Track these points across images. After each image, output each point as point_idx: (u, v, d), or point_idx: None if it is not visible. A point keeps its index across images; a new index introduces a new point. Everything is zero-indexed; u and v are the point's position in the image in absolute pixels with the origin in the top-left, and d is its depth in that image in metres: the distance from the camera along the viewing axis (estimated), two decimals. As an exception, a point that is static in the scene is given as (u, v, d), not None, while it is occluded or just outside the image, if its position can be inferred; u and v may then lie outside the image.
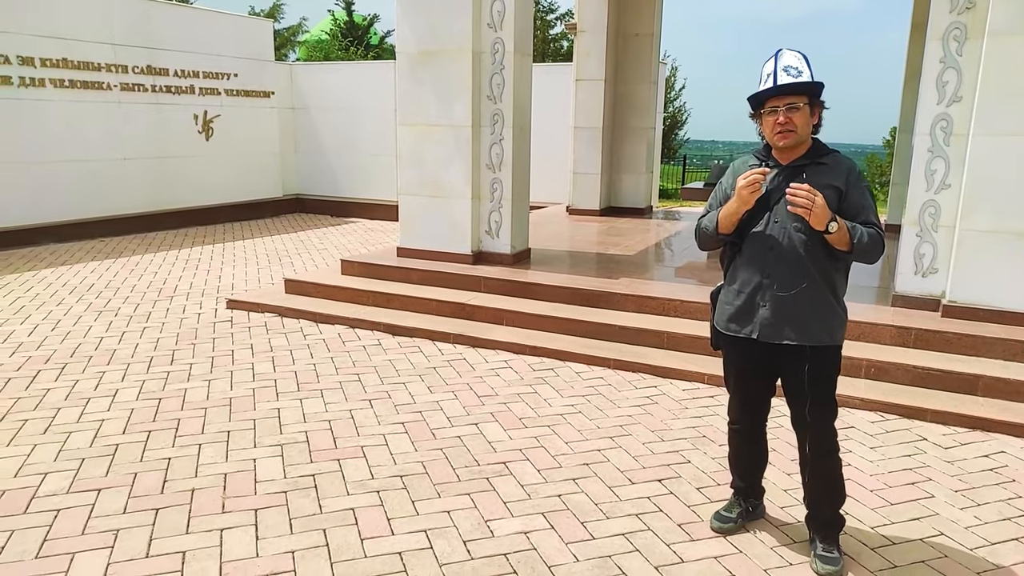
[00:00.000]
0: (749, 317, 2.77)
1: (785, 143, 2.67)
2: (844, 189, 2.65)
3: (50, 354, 5.24)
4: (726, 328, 2.86)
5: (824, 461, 2.81)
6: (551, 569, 2.82)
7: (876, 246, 2.61)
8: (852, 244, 2.58)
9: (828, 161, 2.69)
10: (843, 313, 2.77)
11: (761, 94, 2.66)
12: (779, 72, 2.61)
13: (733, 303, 2.82)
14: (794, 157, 2.71)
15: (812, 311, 2.69)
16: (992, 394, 4.45)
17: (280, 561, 2.84)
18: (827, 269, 2.68)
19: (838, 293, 2.75)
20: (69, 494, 3.31)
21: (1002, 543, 3.06)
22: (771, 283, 2.70)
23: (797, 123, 2.62)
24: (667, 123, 22.28)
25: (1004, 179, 4.83)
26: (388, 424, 4.15)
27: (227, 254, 9.23)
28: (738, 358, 2.90)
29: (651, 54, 10.15)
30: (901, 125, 9.34)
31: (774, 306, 2.71)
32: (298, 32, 24.00)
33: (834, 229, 2.54)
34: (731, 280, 2.85)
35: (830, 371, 2.76)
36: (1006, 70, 4.74)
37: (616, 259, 7.21)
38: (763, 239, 2.71)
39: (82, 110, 9.85)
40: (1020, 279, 4.90)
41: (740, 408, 3.00)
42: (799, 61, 2.62)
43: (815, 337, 2.69)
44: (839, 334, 2.75)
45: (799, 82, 2.59)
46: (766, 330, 2.74)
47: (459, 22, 6.45)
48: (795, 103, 2.61)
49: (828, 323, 2.71)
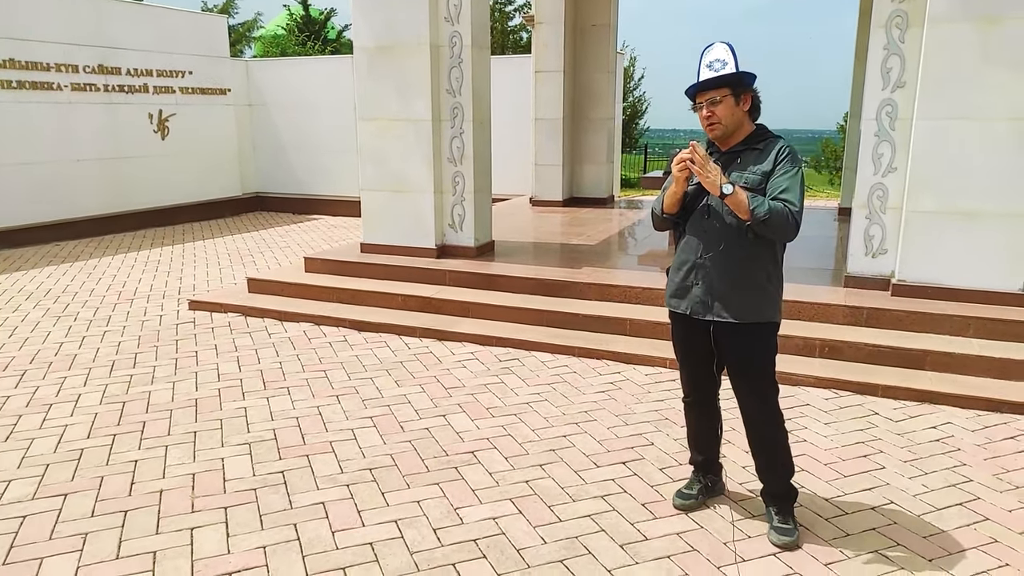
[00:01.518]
0: (685, 294, 2.92)
1: (713, 134, 2.83)
2: (771, 171, 2.77)
3: (8, 361, 5.15)
4: (669, 304, 3.02)
5: (765, 433, 2.95)
6: (520, 552, 2.90)
7: (779, 219, 2.65)
8: (749, 212, 2.65)
9: (762, 146, 2.82)
10: (774, 292, 2.87)
11: (689, 90, 2.83)
12: (702, 68, 2.78)
13: (674, 280, 2.99)
14: (731, 144, 2.86)
15: (740, 289, 2.81)
16: (939, 368, 4.64)
17: (252, 557, 2.87)
18: (756, 250, 2.80)
19: (767, 269, 2.83)
20: (34, 500, 3.29)
21: (947, 508, 3.22)
22: (703, 263, 2.85)
23: (720, 115, 2.77)
24: (627, 113, 22.46)
25: (946, 162, 5.02)
26: (356, 419, 4.19)
27: (187, 255, 9.12)
28: (681, 333, 3.04)
29: (609, 44, 10.26)
30: (852, 111, 9.59)
31: (706, 284, 2.85)
32: (253, 28, 23.60)
33: (728, 191, 2.65)
34: (674, 259, 3.00)
35: (762, 348, 2.87)
36: (945, 56, 4.92)
37: (579, 249, 7.30)
38: (699, 221, 2.86)
39: (32, 111, 9.60)
40: (964, 257, 5.10)
41: (688, 381, 3.13)
42: (726, 53, 2.75)
43: (742, 314, 2.82)
44: (769, 312, 2.85)
45: (719, 76, 2.73)
46: (697, 307, 2.88)
47: (416, 16, 6.46)
48: (714, 97, 2.76)
49: (755, 301, 2.82)
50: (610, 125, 10.60)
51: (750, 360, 2.88)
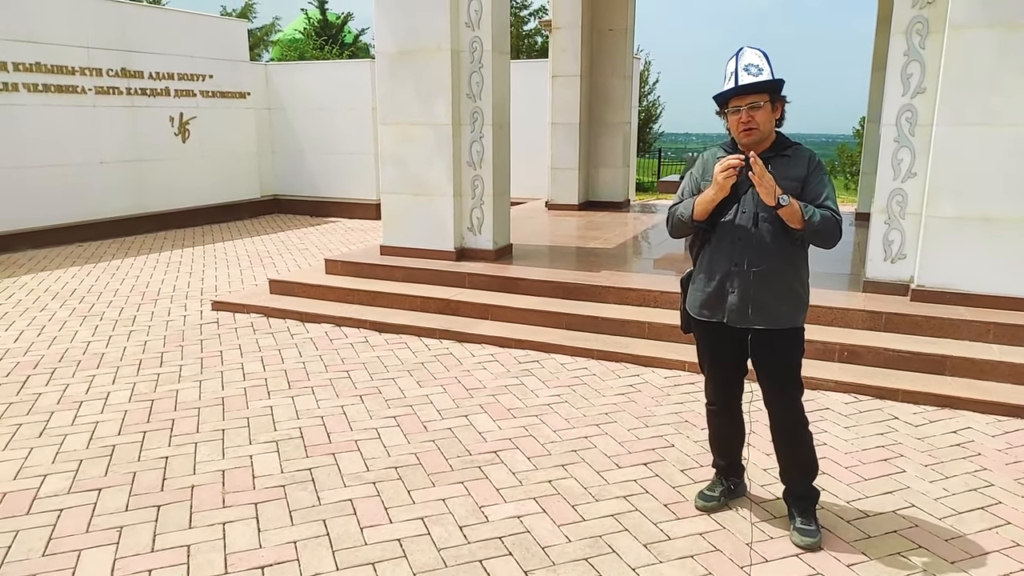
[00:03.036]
0: (719, 303, 2.93)
1: (749, 140, 2.81)
2: (805, 177, 2.81)
3: (38, 359, 5.26)
4: (699, 314, 3.01)
5: (793, 436, 2.98)
6: (545, 550, 2.95)
7: (829, 227, 2.75)
8: (803, 221, 2.71)
9: (790, 153, 2.85)
10: (805, 297, 2.94)
11: (724, 94, 2.80)
12: (740, 72, 2.74)
13: (704, 290, 2.97)
14: (759, 151, 2.84)
15: (777, 297, 2.84)
16: (959, 373, 4.65)
17: (283, 551, 2.94)
18: (792, 256, 2.84)
19: (802, 278, 2.91)
20: (70, 494, 3.37)
21: (968, 512, 3.24)
22: (739, 270, 2.85)
23: (759, 120, 2.77)
24: (642, 117, 22.45)
25: (966, 168, 5.04)
26: (380, 418, 4.25)
27: (208, 256, 9.24)
28: (710, 342, 3.06)
29: (625, 49, 10.31)
30: (869, 115, 9.58)
31: (742, 292, 2.86)
32: (271, 32, 23.81)
33: (785, 202, 2.68)
34: (702, 267, 2.99)
35: (797, 352, 2.93)
36: (966, 62, 4.94)
37: (596, 252, 7.34)
38: (732, 228, 2.86)
39: (57, 114, 9.77)
40: (984, 263, 5.11)
41: (715, 389, 3.15)
42: (760, 59, 2.76)
43: (780, 321, 2.86)
44: (801, 317, 2.92)
45: (759, 81, 2.73)
46: (734, 315, 2.89)
47: (437, 21, 6.54)
48: (756, 102, 2.76)
49: (791, 307, 2.87)
50: (626, 129, 10.65)
51: (786, 365, 2.91)
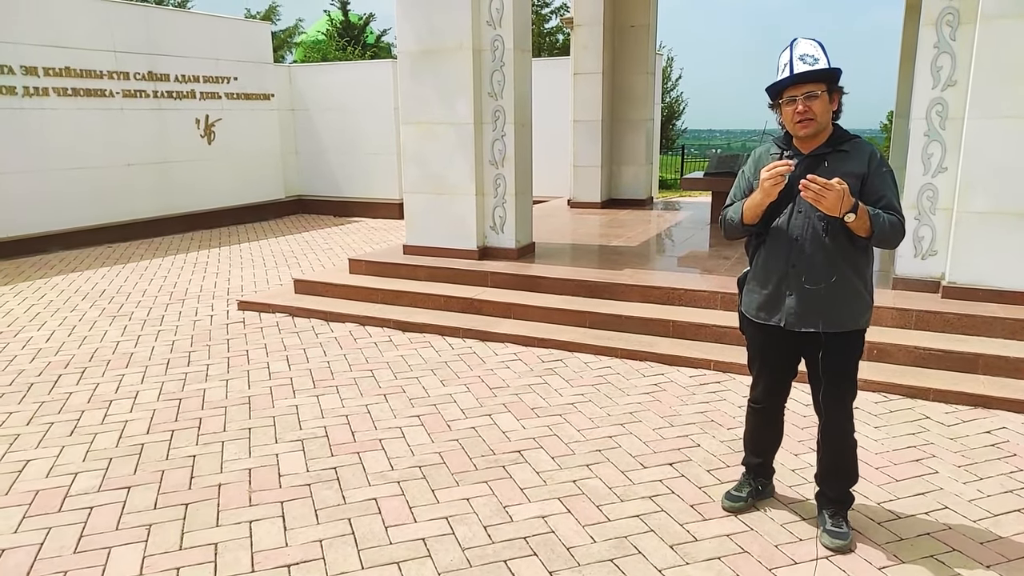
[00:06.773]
0: (776, 306, 2.82)
1: (806, 132, 2.67)
2: (865, 175, 2.67)
3: (69, 359, 5.35)
4: (755, 316, 2.91)
5: (842, 442, 2.89)
6: (570, 550, 2.93)
7: (896, 233, 2.63)
8: (872, 231, 2.59)
9: (849, 148, 2.71)
10: (869, 297, 2.79)
11: (779, 84, 2.67)
12: (795, 61, 2.62)
13: (760, 292, 2.87)
14: (815, 145, 2.73)
15: (838, 299, 2.72)
16: (992, 372, 4.55)
17: (309, 549, 2.95)
18: (852, 256, 2.71)
19: (865, 277, 2.77)
20: (100, 492, 3.42)
21: (1004, 514, 3.16)
22: (796, 273, 2.73)
23: (816, 111, 2.63)
24: (664, 113, 22.30)
25: (999, 162, 4.92)
26: (404, 417, 4.26)
27: (234, 257, 9.34)
28: (765, 344, 2.96)
29: (647, 45, 10.23)
30: (898, 109, 9.43)
31: (800, 295, 2.74)
32: (294, 33, 24.00)
33: (851, 220, 2.54)
34: (757, 269, 2.89)
35: (854, 354, 2.81)
36: (998, 54, 4.83)
37: (619, 251, 7.30)
38: (787, 230, 2.74)
39: (86, 118, 9.95)
40: (1017, 259, 4.99)
41: (763, 390, 3.07)
42: (815, 49, 2.64)
43: (841, 323, 2.73)
44: (864, 318, 2.78)
45: (816, 69, 2.60)
46: (792, 319, 2.78)
47: (459, 20, 6.54)
48: (813, 91, 2.62)
49: (853, 309, 2.75)
50: (649, 126, 10.57)
51: (845, 367, 2.80)
